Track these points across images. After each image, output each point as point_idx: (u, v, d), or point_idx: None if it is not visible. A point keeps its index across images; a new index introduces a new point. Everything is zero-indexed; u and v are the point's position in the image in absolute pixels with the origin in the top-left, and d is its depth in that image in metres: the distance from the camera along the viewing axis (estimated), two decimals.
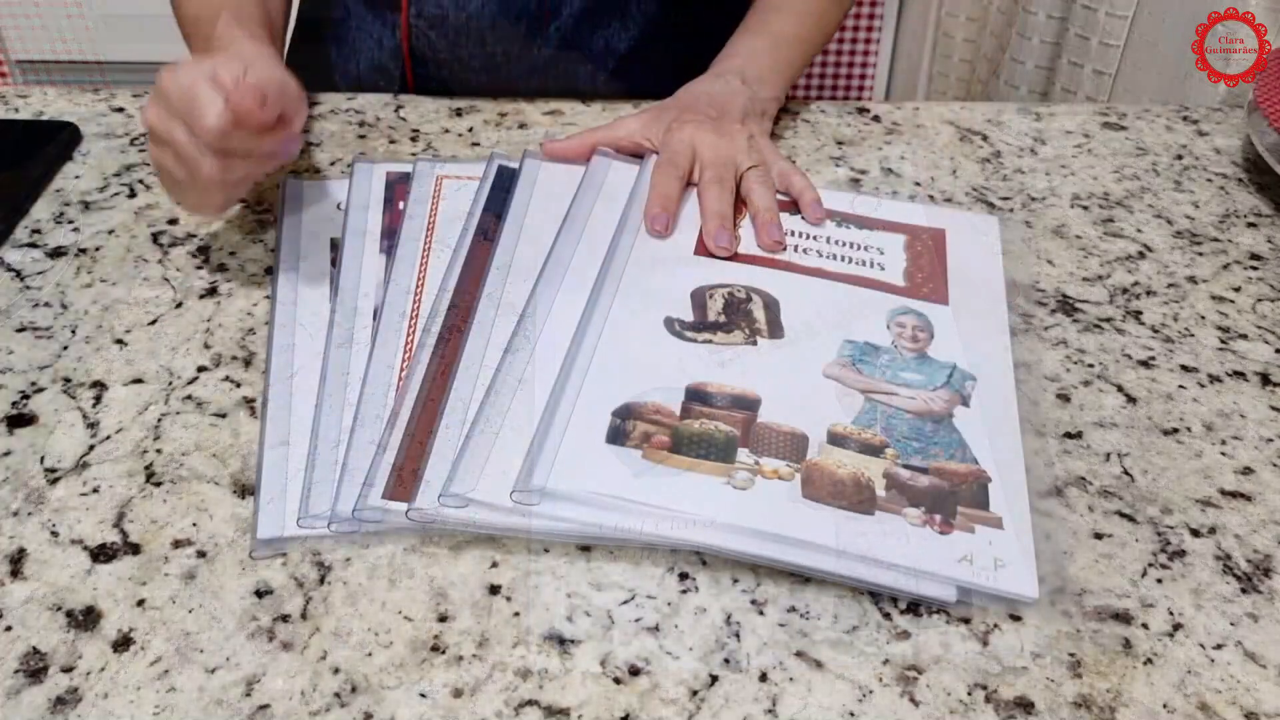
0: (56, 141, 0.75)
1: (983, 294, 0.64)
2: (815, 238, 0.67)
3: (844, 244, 0.66)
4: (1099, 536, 0.52)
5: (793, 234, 0.66)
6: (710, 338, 0.58)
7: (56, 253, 0.67)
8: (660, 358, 0.57)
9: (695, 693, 0.45)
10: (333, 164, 0.75)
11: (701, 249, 0.65)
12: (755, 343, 0.58)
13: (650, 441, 0.52)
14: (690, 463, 0.52)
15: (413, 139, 0.77)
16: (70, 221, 0.69)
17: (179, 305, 0.63)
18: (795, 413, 0.55)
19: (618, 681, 0.45)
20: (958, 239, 0.68)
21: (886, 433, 0.54)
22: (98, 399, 0.57)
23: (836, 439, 0.53)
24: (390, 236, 0.65)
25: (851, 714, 0.44)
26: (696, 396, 0.55)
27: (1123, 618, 0.48)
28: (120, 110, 0.80)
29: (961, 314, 0.62)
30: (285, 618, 0.47)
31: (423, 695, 0.44)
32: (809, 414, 0.55)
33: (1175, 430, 0.58)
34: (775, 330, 0.59)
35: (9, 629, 0.46)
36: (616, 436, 0.52)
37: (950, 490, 0.52)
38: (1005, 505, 0.51)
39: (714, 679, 0.45)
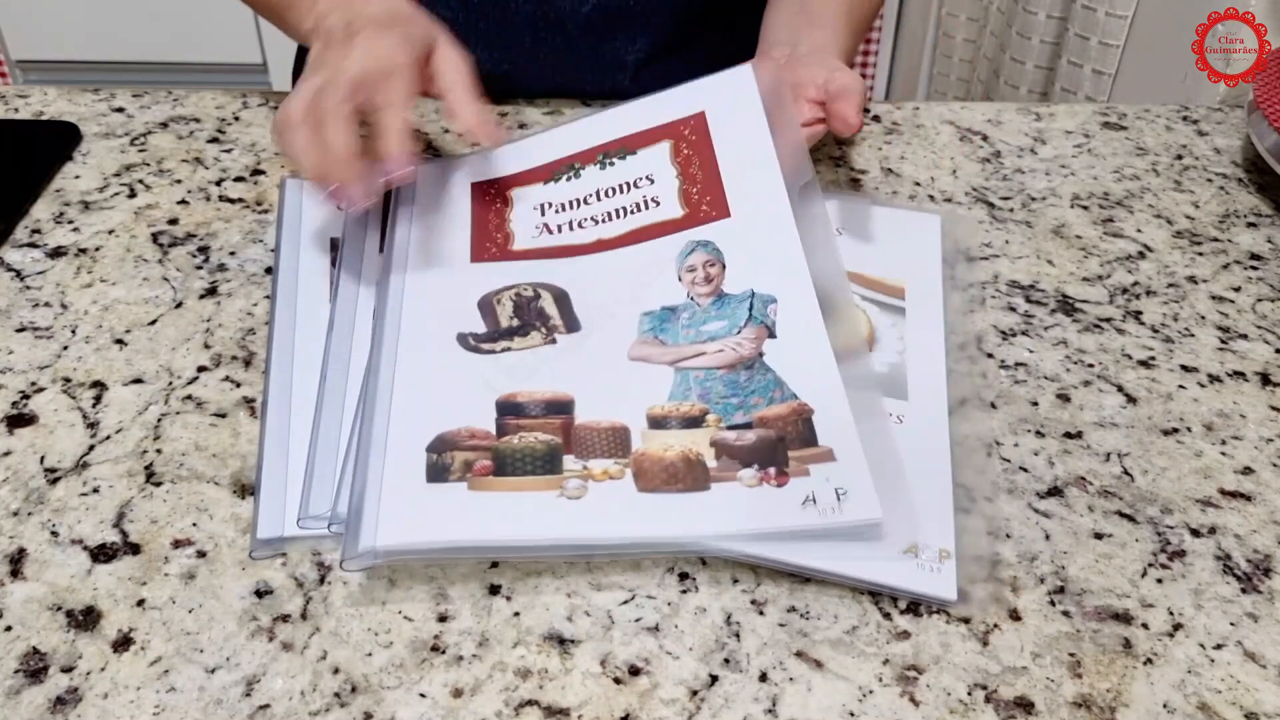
0: (56, 141, 0.75)
1: (758, 169, 0.61)
2: (585, 201, 0.63)
3: (611, 191, 0.63)
4: (1099, 536, 0.52)
5: (559, 210, 0.63)
6: (508, 345, 0.56)
7: (56, 253, 0.67)
8: (462, 378, 0.54)
9: (695, 693, 0.45)
10: None
11: (478, 255, 0.61)
12: (554, 340, 0.56)
13: (473, 470, 0.50)
14: (517, 483, 0.50)
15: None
16: (70, 221, 0.69)
17: (179, 305, 0.63)
18: (611, 405, 0.53)
19: (618, 681, 0.45)
20: (718, 115, 0.65)
21: (704, 398, 0.53)
22: (98, 399, 0.57)
23: (656, 421, 0.52)
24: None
25: (851, 714, 0.44)
26: (509, 410, 0.53)
27: (1123, 618, 0.48)
28: (120, 110, 0.80)
29: (745, 218, 0.59)
30: (285, 618, 0.47)
31: (423, 695, 0.44)
32: (624, 403, 0.53)
33: (1175, 430, 0.58)
34: (571, 323, 0.57)
35: (9, 629, 0.46)
36: (437, 473, 0.50)
37: (778, 438, 0.51)
38: (832, 435, 0.50)
39: (714, 679, 0.45)
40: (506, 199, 0.65)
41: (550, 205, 0.64)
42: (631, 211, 0.62)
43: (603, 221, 0.62)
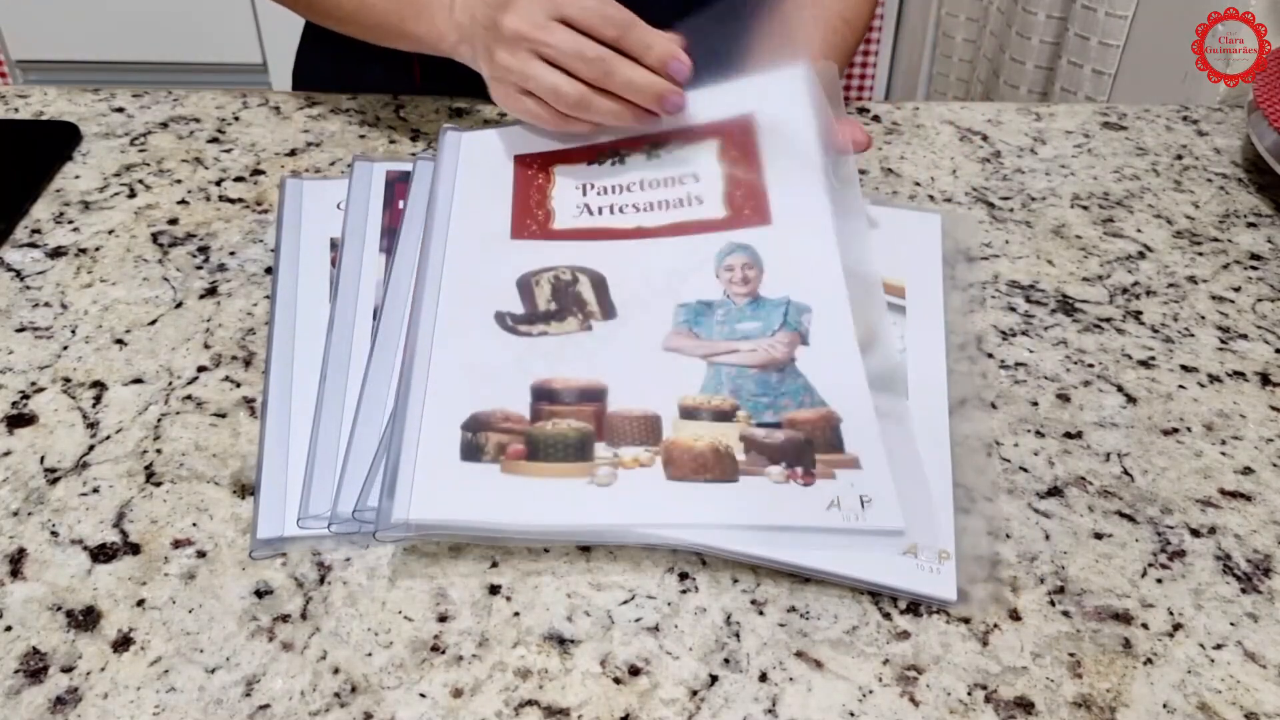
0: (56, 141, 0.75)
1: (803, 179, 0.62)
2: (628, 189, 0.64)
3: (657, 184, 0.64)
4: (1099, 536, 0.52)
5: (601, 192, 0.64)
6: (545, 329, 0.57)
7: (56, 253, 0.67)
8: (499, 359, 0.55)
9: (695, 693, 0.45)
10: (333, 164, 0.75)
11: (518, 231, 0.62)
12: (590, 327, 0.57)
13: (506, 452, 0.51)
14: (549, 468, 0.51)
15: (413, 139, 0.77)
16: (70, 221, 0.69)
17: (179, 305, 0.63)
18: (643, 394, 0.54)
19: (618, 681, 0.45)
20: (767, 118, 0.65)
21: (735, 394, 0.54)
22: (98, 399, 0.57)
23: (688, 412, 0.53)
24: (390, 236, 0.65)
25: (851, 714, 0.44)
26: (544, 395, 0.54)
27: (1123, 618, 0.48)
28: (120, 110, 0.80)
29: (786, 227, 0.60)
30: (285, 618, 0.47)
31: (423, 695, 0.44)
32: (657, 392, 0.54)
33: (1175, 430, 0.58)
34: (607, 310, 0.58)
35: (9, 629, 0.46)
36: (471, 452, 0.51)
37: (806, 440, 0.52)
38: (859, 443, 0.51)
39: (714, 679, 0.45)
40: (549, 175, 0.65)
41: (593, 186, 0.65)
42: (675, 205, 0.63)
43: (644, 210, 0.63)
